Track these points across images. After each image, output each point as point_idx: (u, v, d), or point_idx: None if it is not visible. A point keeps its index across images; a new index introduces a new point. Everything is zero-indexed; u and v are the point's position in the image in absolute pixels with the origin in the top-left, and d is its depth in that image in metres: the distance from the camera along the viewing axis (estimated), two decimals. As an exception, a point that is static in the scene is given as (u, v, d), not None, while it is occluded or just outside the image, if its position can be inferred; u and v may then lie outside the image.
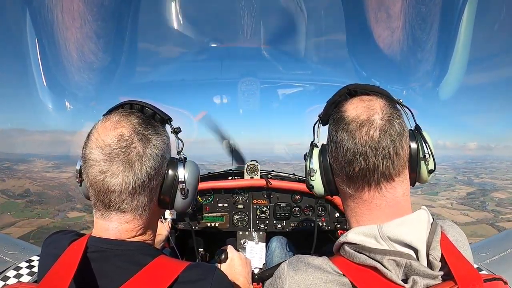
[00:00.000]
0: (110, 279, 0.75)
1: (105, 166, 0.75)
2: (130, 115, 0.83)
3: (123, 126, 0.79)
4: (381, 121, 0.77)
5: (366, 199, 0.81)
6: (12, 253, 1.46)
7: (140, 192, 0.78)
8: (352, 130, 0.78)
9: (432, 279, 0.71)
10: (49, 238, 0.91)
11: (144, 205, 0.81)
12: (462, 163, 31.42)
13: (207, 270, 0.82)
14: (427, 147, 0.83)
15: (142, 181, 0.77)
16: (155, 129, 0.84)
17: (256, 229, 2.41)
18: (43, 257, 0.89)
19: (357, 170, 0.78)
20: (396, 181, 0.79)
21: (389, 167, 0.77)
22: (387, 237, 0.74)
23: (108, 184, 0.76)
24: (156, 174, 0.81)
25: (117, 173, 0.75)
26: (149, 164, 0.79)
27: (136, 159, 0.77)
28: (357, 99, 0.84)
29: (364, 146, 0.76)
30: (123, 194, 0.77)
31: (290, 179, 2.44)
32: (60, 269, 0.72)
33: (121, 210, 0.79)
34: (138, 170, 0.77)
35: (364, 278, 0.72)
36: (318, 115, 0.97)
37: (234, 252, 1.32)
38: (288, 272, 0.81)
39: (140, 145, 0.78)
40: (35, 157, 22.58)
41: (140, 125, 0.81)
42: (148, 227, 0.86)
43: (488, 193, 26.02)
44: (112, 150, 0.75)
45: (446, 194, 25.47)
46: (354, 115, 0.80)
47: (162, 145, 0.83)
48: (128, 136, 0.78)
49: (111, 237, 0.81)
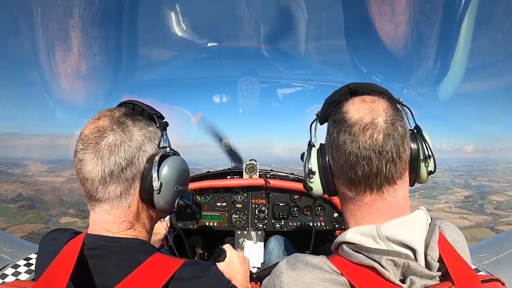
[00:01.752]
0: (107, 276, 0.76)
1: (81, 154, 0.79)
2: (114, 110, 0.86)
3: (102, 119, 0.82)
4: (385, 124, 0.75)
5: (367, 202, 0.80)
6: (10, 251, 1.45)
7: (110, 181, 0.79)
8: (355, 133, 0.76)
9: (430, 280, 0.71)
10: (46, 236, 0.91)
11: (117, 195, 0.81)
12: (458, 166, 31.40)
13: (203, 267, 0.82)
14: (427, 148, 0.82)
15: (110, 170, 0.78)
16: (134, 122, 0.85)
17: (254, 228, 2.41)
18: (41, 255, 0.89)
19: (359, 174, 0.77)
20: (398, 184, 0.78)
21: (392, 170, 0.76)
22: (385, 237, 0.74)
23: (83, 172, 0.79)
24: (129, 165, 0.80)
25: (88, 160, 0.78)
26: (119, 154, 0.79)
27: (105, 147, 0.78)
28: (359, 99, 0.82)
29: (368, 150, 0.75)
30: (95, 182, 0.79)
31: (289, 178, 2.44)
32: (57, 267, 0.72)
33: (98, 200, 0.81)
34: (106, 159, 0.78)
35: (362, 278, 0.72)
36: (316, 113, 0.95)
37: (232, 250, 1.32)
38: (286, 271, 0.81)
39: (112, 135, 0.80)
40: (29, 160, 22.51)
41: (120, 117, 0.83)
42: (135, 223, 0.86)
43: (486, 196, 25.94)
44: (87, 140, 0.79)
45: (444, 197, 25.39)
46: (357, 117, 0.77)
47: (139, 138, 0.83)
48: (102, 126, 0.80)
49: (101, 230, 0.82)
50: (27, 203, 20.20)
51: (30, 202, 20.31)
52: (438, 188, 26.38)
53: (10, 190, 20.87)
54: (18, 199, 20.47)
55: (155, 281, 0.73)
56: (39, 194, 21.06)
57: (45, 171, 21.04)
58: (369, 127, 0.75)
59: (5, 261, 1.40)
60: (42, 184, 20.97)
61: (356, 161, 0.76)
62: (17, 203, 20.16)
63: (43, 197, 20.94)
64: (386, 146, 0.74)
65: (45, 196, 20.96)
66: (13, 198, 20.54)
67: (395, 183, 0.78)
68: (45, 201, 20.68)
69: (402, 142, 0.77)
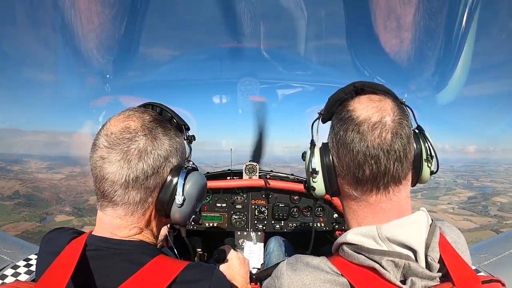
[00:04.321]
0: (109, 277, 0.75)
1: (105, 152, 0.77)
2: (144, 112, 0.84)
3: (133, 120, 0.80)
4: (393, 123, 0.75)
5: (372, 202, 0.79)
6: (10, 251, 1.45)
7: (133, 187, 0.77)
8: (363, 132, 0.75)
9: (430, 281, 0.70)
10: (47, 235, 0.90)
11: (135, 202, 0.79)
12: (460, 166, 31.34)
13: (206, 270, 0.82)
14: (430, 148, 0.82)
15: (136, 176, 0.77)
16: (165, 130, 0.84)
17: (254, 229, 2.40)
18: (42, 255, 0.89)
19: (367, 173, 0.76)
20: (403, 183, 0.78)
21: (399, 170, 0.76)
22: (386, 238, 0.74)
23: (104, 171, 0.76)
24: (154, 174, 0.80)
25: (114, 161, 0.76)
26: (148, 161, 0.78)
27: (135, 152, 0.77)
28: (365, 98, 0.81)
29: (377, 149, 0.74)
30: (115, 184, 0.77)
31: (289, 179, 2.44)
32: (58, 268, 0.72)
33: (113, 202, 0.79)
34: (134, 164, 0.76)
35: (362, 279, 0.72)
36: (318, 111, 0.93)
37: (232, 252, 1.32)
38: (286, 272, 0.81)
39: (143, 141, 0.78)
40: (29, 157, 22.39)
41: (150, 122, 0.82)
42: (144, 229, 0.84)
43: (490, 197, 25.70)
44: (115, 139, 0.77)
45: (447, 198, 25.19)
46: (365, 115, 0.76)
47: (168, 147, 0.82)
48: (133, 129, 0.78)
49: (107, 233, 0.80)
50: (23, 201, 20.05)
51: (26, 199, 20.16)
52: (440, 188, 26.22)
53: (7, 187, 20.72)
54: (14, 197, 20.32)
55: (158, 283, 0.72)
56: (36, 191, 20.93)
57: (45, 168, 20.93)
58: (377, 126, 0.75)
59: (5, 262, 1.40)
60: (40, 181, 20.85)
61: (364, 160, 0.75)
62: (13, 201, 20.01)
63: (40, 195, 20.80)
64: (394, 145, 0.74)
65: (41, 194, 20.84)
66: (9, 196, 20.39)
67: (400, 183, 0.78)
68: (41, 198, 20.55)
69: (408, 142, 0.77)
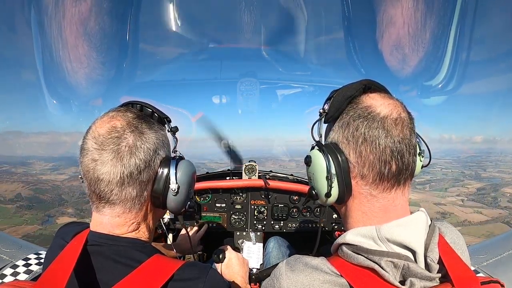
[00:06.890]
0: (107, 274, 0.76)
1: (96, 154, 0.78)
2: (127, 111, 0.86)
3: (118, 119, 0.82)
4: (407, 120, 0.78)
5: (389, 199, 0.78)
6: (9, 251, 1.45)
7: (128, 183, 0.79)
8: (388, 128, 0.75)
9: (430, 281, 0.70)
10: (61, 229, 0.93)
11: (132, 198, 0.81)
12: (467, 157, 31.08)
13: (201, 269, 0.83)
14: (423, 142, 0.86)
15: (130, 172, 0.79)
16: (149, 125, 0.86)
17: (253, 229, 2.41)
18: (51, 248, 0.91)
19: (394, 169, 0.75)
20: (411, 179, 0.81)
21: (414, 164, 0.79)
22: (385, 238, 0.74)
23: (98, 173, 0.78)
24: (146, 168, 0.82)
25: (106, 162, 0.77)
26: (139, 156, 0.80)
27: (126, 149, 0.78)
28: (377, 95, 0.81)
29: (401, 144, 0.75)
30: (111, 183, 0.78)
31: (288, 179, 2.44)
32: (59, 266, 0.73)
33: (111, 202, 0.81)
34: (126, 161, 0.78)
35: (361, 279, 0.72)
36: (320, 111, 0.88)
37: (231, 252, 1.32)
38: (285, 272, 0.81)
39: (131, 137, 0.80)
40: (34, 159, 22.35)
41: (135, 119, 0.84)
42: (141, 224, 0.87)
43: (499, 188, 25.22)
44: (104, 140, 0.78)
45: (455, 190, 24.73)
46: (386, 111, 0.77)
47: (155, 141, 0.85)
48: (120, 127, 0.80)
49: (105, 231, 0.82)
50: (25, 203, 20.07)
51: (29, 202, 20.17)
52: (448, 180, 25.84)
53: (10, 190, 20.77)
54: (16, 199, 20.34)
55: (154, 281, 0.73)
56: (38, 193, 20.94)
57: (49, 169, 20.92)
58: (399, 122, 0.76)
59: (4, 262, 1.40)
60: (43, 183, 20.86)
61: (391, 155, 0.75)
62: (15, 204, 20.03)
63: (42, 197, 20.82)
64: (412, 140, 0.78)
65: (43, 196, 20.86)
66: (11, 199, 20.42)
67: (412, 178, 0.80)
68: (44, 200, 20.57)
69: (416, 137, 0.81)
